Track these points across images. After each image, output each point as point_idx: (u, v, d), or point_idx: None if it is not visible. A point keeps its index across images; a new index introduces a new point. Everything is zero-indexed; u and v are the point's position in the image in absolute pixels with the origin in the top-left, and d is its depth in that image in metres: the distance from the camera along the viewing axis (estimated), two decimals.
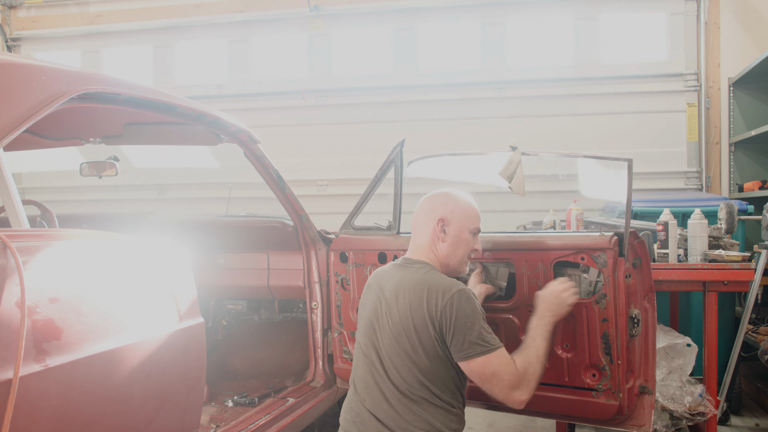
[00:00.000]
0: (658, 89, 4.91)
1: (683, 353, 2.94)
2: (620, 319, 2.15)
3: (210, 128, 2.38)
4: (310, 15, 5.37)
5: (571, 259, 2.22)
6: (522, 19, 5.16)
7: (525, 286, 2.29)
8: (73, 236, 1.52)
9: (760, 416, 3.58)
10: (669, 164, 4.89)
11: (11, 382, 1.22)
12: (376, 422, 1.90)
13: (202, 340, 1.86)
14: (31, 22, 5.98)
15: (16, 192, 1.44)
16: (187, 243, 1.95)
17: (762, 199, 3.94)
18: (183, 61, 5.72)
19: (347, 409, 2.02)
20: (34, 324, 1.30)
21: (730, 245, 3.07)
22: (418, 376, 1.88)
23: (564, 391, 2.26)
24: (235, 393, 2.99)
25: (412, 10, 5.28)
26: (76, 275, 1.46)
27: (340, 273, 2.75)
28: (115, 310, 1.55)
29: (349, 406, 2.01)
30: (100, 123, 2.42)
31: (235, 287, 3.15)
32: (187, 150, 4.98)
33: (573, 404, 2.25)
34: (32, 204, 2.00)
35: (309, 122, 5.42)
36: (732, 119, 4.77)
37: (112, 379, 1.50)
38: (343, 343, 2.79)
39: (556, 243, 2.24)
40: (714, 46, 4.87)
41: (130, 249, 1.70)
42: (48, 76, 1.53)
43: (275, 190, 2.75)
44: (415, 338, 1.88)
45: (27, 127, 1.45)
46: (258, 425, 2.42)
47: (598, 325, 2.17)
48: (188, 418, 1.81)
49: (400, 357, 1.90)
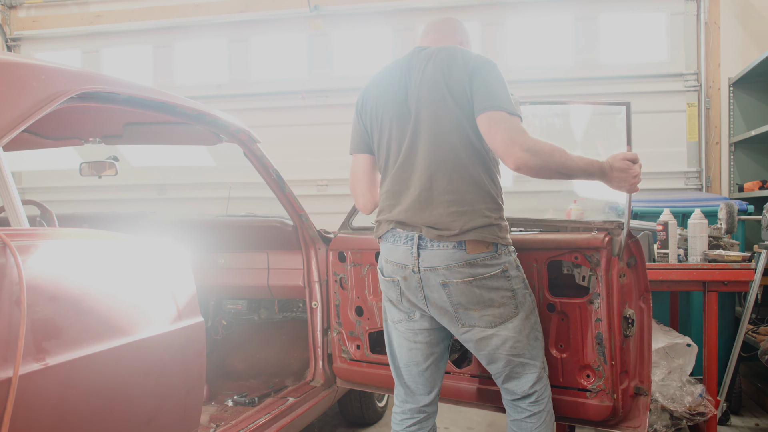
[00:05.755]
0: (658, 89, 4.91)
1: (683, 353, 2.94)
2: (614, 320, 2.13)
3: (209, 128, 2.38)
4: (310, 15, 5.37)
5: (565, 258, 2.21)
6: (522, 19, 5.16)
7: None
8: (73, 236, 1.52)
9: (760, 416, 3.58)
10: (669, 164, 4.89)
11: (11, 380, 1.22)
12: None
13: (201, 340, 1.86)
14: (31, 22, 5.98)
15: (15, 192, 1.44)
16: (187, 243, 1.95)
17: (762, 199, 3.94)
18: (183, 61, 5.72)
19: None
20: (33, 323, 1.30)
21: (730, 245, 3.07)
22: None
23: (558, 392, 2.24)
24: (235, 392, 2.99)
25: (412, 10, 5.28)
26: (76, 274, 1.46)
27: (338, 272, 2.75)
28: (115, 310, 1.55)
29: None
30: (100, 123, 2.42)
31: (235, 287, 3.15)
32: (187, 150, 4.99)
33: (567, 405, 2.23)
34: (32, 204, 2.00)
35: (309, 122, 5.41)
36: (732, 119, 4.77)
37: (112, 378, 1.50)
38: (342, 343, 2.79)
39: (550, 242, 2.24)
40: (714, 46, 4.87)
41: (129, 248, 1.70)
42: (47, 76, 1.53)
43: (275, 190, 2.76)
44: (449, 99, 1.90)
45: (26, 127, 1.45)
46: (258, 425, 2.42)
47: (591, 325, 2.16)
48: (188, 417, 1.81)
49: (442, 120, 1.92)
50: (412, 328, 2.08)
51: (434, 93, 1.92)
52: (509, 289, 1.93)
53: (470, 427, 3.49)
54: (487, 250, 1.88)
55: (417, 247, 1.92)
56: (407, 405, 2.13)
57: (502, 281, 1.92)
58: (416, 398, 2.12)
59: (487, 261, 1.89)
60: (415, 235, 1.92)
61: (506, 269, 1.92)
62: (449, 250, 1.88)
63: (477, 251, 1.88)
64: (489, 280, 1.90)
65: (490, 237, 1.88)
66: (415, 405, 2.12)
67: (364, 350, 2.74)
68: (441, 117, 1.91)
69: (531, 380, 2.01)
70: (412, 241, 1.93)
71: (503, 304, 1.93)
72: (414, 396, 2.12)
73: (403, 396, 2.15)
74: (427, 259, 1.91)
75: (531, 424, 2.01)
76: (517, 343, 1.97)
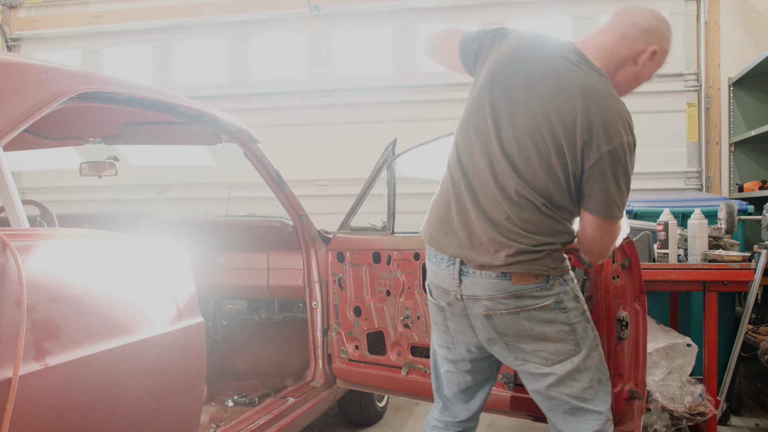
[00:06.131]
0: (658, 89, 4.90)
1: (683, 353, 2.94)
2: (607, 322, 2.11)
3: (209, 128, 2.38)
4: (310, 15, 5.37)
5: None
6: (522, 19, 5.15)
7: None
8: (73, 236, 1.52)
9: (760, 416, 3.58)
10: (669, 164, 4.89)
11: (11, 381, 1.22)
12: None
13: (201, 340, 1.86)
14: (31, 22, 5.98)
15: (15, 192, 1.44)
16: (187, 243, 1.95)
17: (762, 199, 3.93)
18: (183, 61, 5.72)
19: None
20: (33, 323, 1.30)
21: (730, 245, 3.07)
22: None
23: None
24: (235, 393, 2.99)
25: (412, 10, 5.28)
26: (76, 275, 1.46)
27: (337, 273, 2.75)
28: (115, 310, 1.55)
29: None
30: (100, 123, 2.42)
31: (235, 287, 3.15)
32: (187, 150, 4.98)
33: None
34: (32, 204, 2.00)
35: (309, 122, 5.41)
36: (732, 119, 4.77)
37: (112, 378, 1.50)
38: (340, 343, 2.79)
39: None
40: (714, 46, 4.87)
41: (129, 248, 1.70)
42: (47, 76, 1.53)
43: (275, 190, 2.76)
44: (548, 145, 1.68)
45: (26, 127, 1.45)
46: (258, 425, 2.42)
47: None
48: (188, 417, 1.81)
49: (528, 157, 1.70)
50: (451, 358, 1.95)
51: (537, 136, 1.69)
52: (566, 322, 1.75)
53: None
54: (537, 281, 1.72)
55: (459, 273, 1.77)
56: (444, 417, 2.00)
57: (556, 313, 1.74)
58: (454, 413, 1.99)
59: (536, 293, 1.72)
60: (457, 260, 1.78)
61: (561, 300, 1.74)
62: (492, 279, 1.73)
63: (524, 282, 1.71)
64: (540, 311, 1.73)
65: (537, 269, 1.71)
66: (452, 419, 1.99)
67: (363, 350, 2.74)
68: (531, 158, 1.70)
69: (589, 429, 1.79)
70: (454, 266, 1.78)
71: (560, 339, 1.75)
72: (451, 411, 1.99)
73: (440, 408, 2.02)
74: (469, 288, 1.76)
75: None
76: (576, 383, 1.77)
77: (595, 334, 1.83)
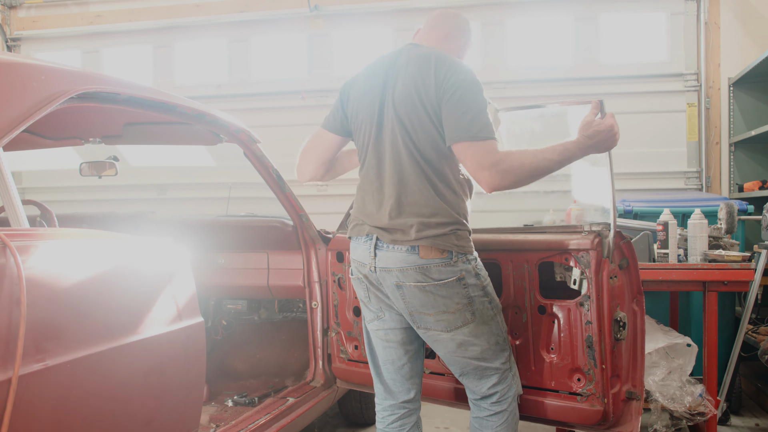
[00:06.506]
0: (658, 89, 4.90)
1: (683, 353, 2.94)
2: (604, 322, 2.10)
3: (209, 128, 2.38)
4: (310, 15, 5.37)
5: (556, 259, 2.20)
6: (522, 18, 5.15)
7: (511, 287, 2.27)
8: (73, 236, 1.52)
9: (760, 416, 3.58)
10: (669, 164, 4.89)
11: (11, 380, 1.22)
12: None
13: (201, 340, 1.86)
14: (31, 22, 5.98)
15: (15, 192, 1.44)
16: (187, 243, 1.95)
17: (762, 199, 3.94)
18: (183, 61, 5.72)
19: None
20: (33, 323, 1.30)
21: (730, 245, 3.08)
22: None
23: (548, 395, 2.22)
24: (235, 393, 2.99)
25: (412, 10, 5.27)
26: (76, 275, 1.46)
27: (336, 272, 2.75)
28: (115, 310, 1.55)
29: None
30: (100, 123, 2.42)
31: (235, 287, 3.15)
32: (187, 150, 4.98)
33: (557, 409, 2.20)
34: (32, 204, 2.00)
35: (309, 122, 5.37)
36: (732, 119, 4.77)
37: (112, 378, 1.50)
38: (340, 343, 2.79)
39: (540, 244, 2.22)
40: (714, 46, 4.87)
41: (129, 248, 1.70)
42: (47, 76, 1.53)
43: (275, 190, 2.76)
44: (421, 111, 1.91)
45: (26, 127, 1.45)
46: (258, 425, 2.42)
47: (581, 328, 2.12)
48: (188, 417, 1.81)
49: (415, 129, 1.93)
50: (382, 327, 2.11)
51: (409, 105, 1.93)
52: (465, 296, 1.93)
53: (467, 426, 3.48)
54: (442, 256, 1.89)
55: (374, 247, 1.96)
56: (387, 402, 2.16)
57: (458, 288, 1.92)
58: (395, 395, 2.15)
59: (441, 267, 1.90)
60: (374, 236, 1.97)
61: (463, 276, 1.92)
62: (403, 253, 1.91)
63: (430, 257, 1.89)
64: (443, 287, 1.91)
65: (442, 244, 1.88)
66: (395, 401, 2.15)
67: (362, 350, 2.74)
68: (416, 128, 1.92)
69: (491, 382, 2.04)
70: (371, 241, 1.97)
71: (458, 309, 1.94)
72: (393, 393, 2.15)
73: (383, 393, 2.17)
74: (383, 260, 1.95)
75: (492, 423, 2.06)
76: (474, 347, 1.99)
77: (493, 305, 2.02)
